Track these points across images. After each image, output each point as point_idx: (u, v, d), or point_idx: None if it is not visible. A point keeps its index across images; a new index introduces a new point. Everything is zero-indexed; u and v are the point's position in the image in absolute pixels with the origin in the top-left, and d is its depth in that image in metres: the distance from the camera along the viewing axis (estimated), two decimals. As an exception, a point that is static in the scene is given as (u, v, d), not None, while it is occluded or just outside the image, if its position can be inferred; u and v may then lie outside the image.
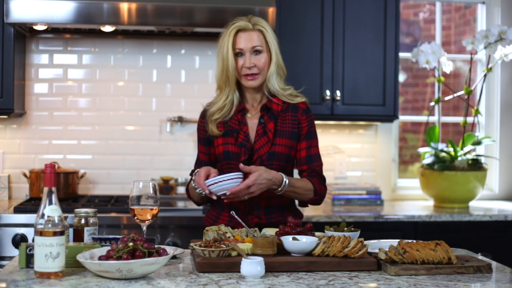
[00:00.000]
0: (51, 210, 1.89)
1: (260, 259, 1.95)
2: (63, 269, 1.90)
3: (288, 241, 2.13)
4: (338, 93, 3.85)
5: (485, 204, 4.16)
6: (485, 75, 4.09)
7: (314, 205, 2.63)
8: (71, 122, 3.99)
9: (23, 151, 3.95)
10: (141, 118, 4.04)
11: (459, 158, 3.95)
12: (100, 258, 1.93)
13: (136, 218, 2.25)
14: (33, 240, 1.93)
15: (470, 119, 4.21)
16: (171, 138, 4.05)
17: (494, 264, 2.20)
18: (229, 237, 2.28)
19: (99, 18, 3.44)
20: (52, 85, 3.98)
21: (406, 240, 2.16)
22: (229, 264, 2.02)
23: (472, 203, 4.11)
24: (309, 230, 2.27)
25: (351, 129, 4.27)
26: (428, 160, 4.01)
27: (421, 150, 4.19)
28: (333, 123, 4.22)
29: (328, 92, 3.85)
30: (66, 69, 3.99)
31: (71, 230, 2.29)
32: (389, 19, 3.90)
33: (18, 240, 3.24)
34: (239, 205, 2.53)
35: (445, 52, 4.16)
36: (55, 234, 1.87)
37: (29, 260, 2.01)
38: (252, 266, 1.93)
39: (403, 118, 4.61)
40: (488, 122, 4.49)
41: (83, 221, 2.28)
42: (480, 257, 2.29)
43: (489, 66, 4.08)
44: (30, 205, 3.45)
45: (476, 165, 3.96)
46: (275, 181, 2.41)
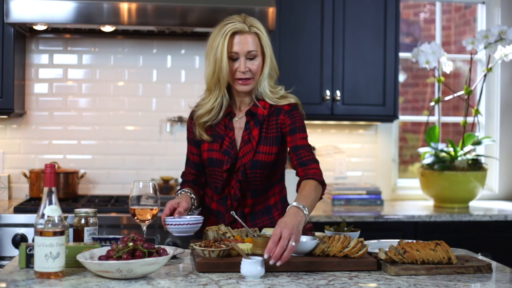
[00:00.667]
0: (51, 210, 1.89)
1: (260, 259, 1.95)
2: (63, 269, 1.90)
3: (288, 241, 2.13)
4: (338, 93, 3.85)
5: (485, 204, 4.15)
6: (485, 75, 4.09)
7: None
8: (71, 122, 3.99)
9: (23, 151, 3.95)
10: (141, 118, 4.04)
11: (459, 158, 3.95)
12: (100, 258, 1.93)
13: (136, 218, 2.25)
14: (33, 240, 1.92)
15: (470, 119, 4.21)
16: (171, 138, 4.05)
17: (494, 264, 2.20)
18: (229, 237, 2.28)
19: (99, 18, 3.44)
20: (52, 85, 3.98)
21: (406, 240, 2.16)
22: (229, 264, 2.01)
23: (472, 203, 4.11)
24: (309, 230, 2.27)
25: (351, 129, 4.27)
26: (428, 160, 4.00)
27: (421, 150, 4.19)
28: (333, 123, 4.22)
29: (328, 92, 3.85)
30: (66, 69, 3.99)
31: (71, 230, 2.29)
32: (389, 19, 3.90)
33: (18, 240, 3.24)
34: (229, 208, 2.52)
35: (445, 52, 4.16)
36: (55, 234, 1.87)
37: (29, 260, 2.00)
38: (252, 266, 1.93)
39: (403, 118, 4.60)
40: (488, 122, 4.48)
41: (83, 221, 2.28)
42: (480, 257, 2.29)
43: (489, 66, 4.08)
44: (30, 205, 3.45)
45: (476, 165, 3.96)
46: (301, 220, 2.10)
